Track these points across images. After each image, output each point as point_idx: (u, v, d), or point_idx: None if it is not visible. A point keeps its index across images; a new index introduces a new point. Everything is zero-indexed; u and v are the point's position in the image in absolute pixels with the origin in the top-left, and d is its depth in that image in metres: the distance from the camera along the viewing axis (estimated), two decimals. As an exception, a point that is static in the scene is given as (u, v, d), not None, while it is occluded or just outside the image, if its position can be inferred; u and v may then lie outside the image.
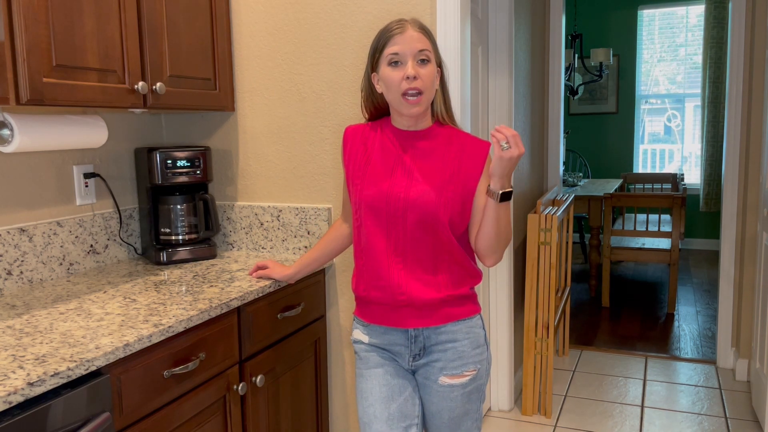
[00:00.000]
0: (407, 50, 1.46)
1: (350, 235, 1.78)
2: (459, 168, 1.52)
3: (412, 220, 1.49)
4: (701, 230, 6.88)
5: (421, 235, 1.50)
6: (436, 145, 1.54)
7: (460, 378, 1.56)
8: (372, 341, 1.61)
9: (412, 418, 1.57)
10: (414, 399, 1.59)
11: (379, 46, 1.50)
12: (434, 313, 1.53)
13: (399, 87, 1.46)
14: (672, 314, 4.62)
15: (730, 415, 3.01)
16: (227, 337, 1.72)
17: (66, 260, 2.01)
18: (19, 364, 1.24)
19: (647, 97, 6.96)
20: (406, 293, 1.51)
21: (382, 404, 1.55)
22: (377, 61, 1.51)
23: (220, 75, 2.21)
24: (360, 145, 1.59)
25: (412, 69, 1.45)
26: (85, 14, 1.67)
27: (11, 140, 1.70)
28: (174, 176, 2.12)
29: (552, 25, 3.78)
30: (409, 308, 1.53)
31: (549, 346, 2.98)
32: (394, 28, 1.48)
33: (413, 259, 1.51)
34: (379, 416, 1.55)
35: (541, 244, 2.92)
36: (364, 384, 1.60)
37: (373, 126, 1.61)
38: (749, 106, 3.34)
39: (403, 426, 1.55)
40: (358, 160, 1.58)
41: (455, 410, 1.58)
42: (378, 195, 1.51)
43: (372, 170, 1.54)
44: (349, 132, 1.63)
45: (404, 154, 1.54)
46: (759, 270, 2.96)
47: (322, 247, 1.82)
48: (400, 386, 1.57)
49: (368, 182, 1.54)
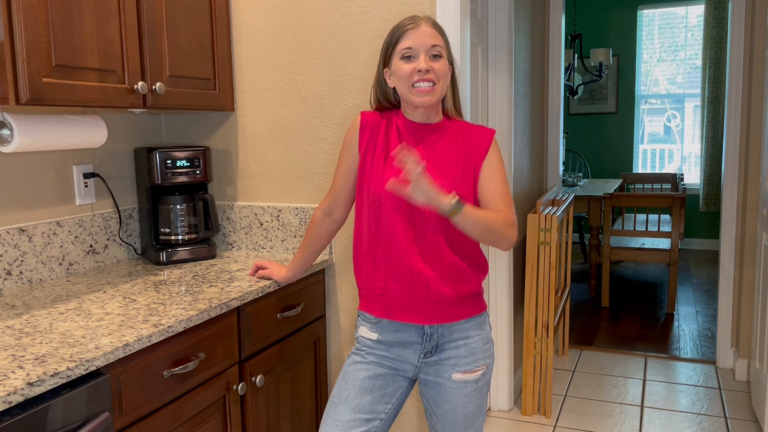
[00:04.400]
0: (420, 45, 1.47)
1: (335, 229, 1.76)
2: (468, 160, 1.53)
3: (432, 214, 1.49)
4: (701, 230, 6.88)
5: (439, 228, 1.51)
6: (447, 140, 1.55)
7: (473, 373, 1.56)
8: (381, 338, 1.59)
9: (378, 414, 1.56)
10: (391, 398, 1.58)
11: (392, 41, 1.51)
12: (450, 309, 1.54)
13: (410, 78, 1.47)
14: (672, 314, 4.62)
15: (729, 415, 3.02)
16: (227, 337, 1.72)
17: (66, 260, 2.01)
18: (19, 364, 1.24)
19: (647, 97, 6.96)
20: (426, 287, 1.51)
21: (356, 391, 1.55)
22: (390, 56, 1.52)
23: (220, 75, 2.21)
24: (381, 133, 1.57)
25: (424, 62, 1.46)
26: (85, 14, 1.67)
27: (11, 140, 1.70)
28: (174, 176, 2.12)
29: (552, 25, 3.78)
30: (427, 303, 1.53)
31: (549, 346, 2.98)
32: (407, 24, 1.49)
33: (431, 252, 1.52)
34: (348, 401, 1.54)
35: (540, 244, 2.92)
36: (351, 368, 1.59)
37: (387, 116, 1.60)
38: (749, 106, 3.34)
39: (366, 418, 1.54)
40: (379, 148, 1.56)
41: (469, 406, 1.58)
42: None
43: (392, 161, 1.54)
44: (369, 116, 1.59)
45: (418, 146, 1.55)
46: (759, 270, 2.96)
47: (308, 245, 1.80)
48: (382, 383, 1.57)
49: (390, 170, 1.53)
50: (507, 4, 2.85)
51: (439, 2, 2.01)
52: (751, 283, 3.37)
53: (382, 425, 1.57)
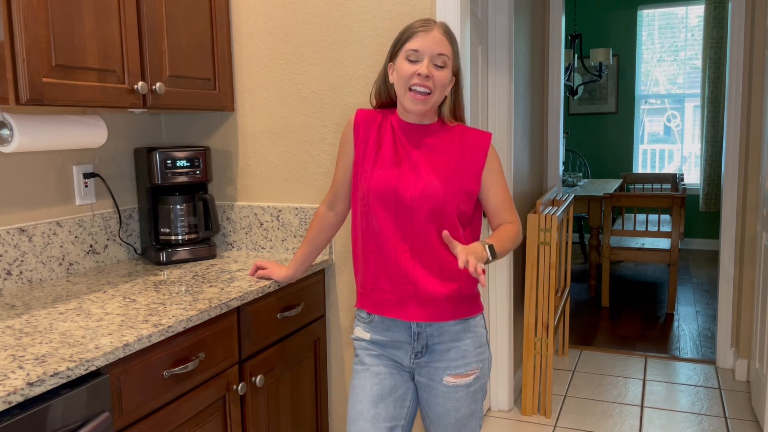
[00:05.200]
0: (426, 50, 1.48)
1: (338, 222, 1.78)
2: (462, 159, 1.54)
3: (420, 210, 1.50)
4: (701, 230, 6.88)
5: (429, 225, 1.51)
6: (440, 140, 1.56)
7: (465, 378, 1.56)
8: (374, 338, 1.60)
9: (398, 420, 1.57)
10: (404, 401, 1.59)
11: (402, 39, 1.52)
12: (438, 308, 1.53)
13: (408, 80, 1.48)
14: (672, 314, 4.62)
15: (729, 415, 3.02)
16: (227, 337, 1.72)
17: (65, 260, 2.01)
18: (19, 364, 1.24)
19: (647, 97, 6.96)
20: (413, 283, 1.52)
21: (369, 403, 1.56)
22: (396, 53, 1.53)
23: (220, 75, 2.21)
24: (374, 131, 1.59)
25: (426, 68, 1.47)
26: (85, 14, 1.67)
27: (11, 140, 1.70)
28: (174, 176, 2.12)
29: (552, 25, 3.78)
30: (414, 299, 1.53)
31: (549, 346, 2.98)
32: (419, 27, 1.50)
33: (420, 249, 1.52)
34: (365, 414, 1.55)
35: (540, 244, 2.92)
36: (357, 381, 1.60)
37: (384, 113, 1.62)
38: (749, 106, 3.34)
39: (387, 426, 1.55)
40: (370, 145, 1.58)
41: (461, 410, 1.58)
42: (388, 185, 1.52)
43: (383, 157, 1.56)
44: (362, 115, 1.62)
45: (410, 145, 1.56)
46: (759, 270, 2.96)
47: (311, 240, 1.81)
48: (391, 387, 1.57)
49: (379, 169, 1.54)
50: (507, 4, 2.85)
51: (439, 2, 2.01)
52: (751, 283, 3.37)
53: (405, 430, 1.59)
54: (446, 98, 1.57)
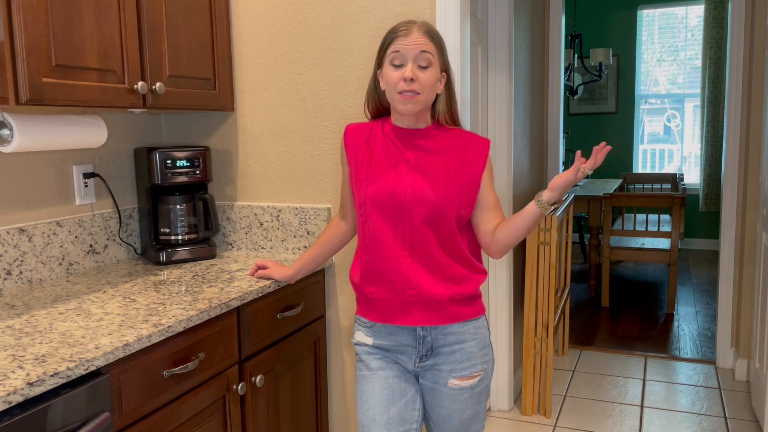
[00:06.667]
0: (408, 53, 1.48)
1: (348, 232, 1.79)
2: (463, 164, 1.54)
3: (419, 215, 1.50)
4: (701, 230, 6.89)
5: (427, 230, 1.51)
6: (437, 144, 1.56)
7: (470, 379, 1.56)
8: (377, 343, 1.60)
9: (411, 423, 1.56)
10: (414, 403, 1.58)
11: (384, 45, 1.52)
12: (442, 311, 1.53)
13: (396, 86, 1.49)
14: (671, 314, 4.62)
15: (729, 415, 3.02)
16: (227, 337, 1.72)
17: (65, 260, 2.01)
18: (19, 364, 1.24)
19: (647, 97, 6.96)
20: (416, 287, 1.52)
21: (381, 408, 1.55)
22: (382, 59, 1.53)
23: (220, 75, 2.21)
24: (362, 143, 1.60)
25: (410, 71, 1.47)
26: (85, 14, 1.67)
27: (11, 140, 1.70)
28: (173, 176, 2.12)
29: (552, 25, 3.78)
30: (418, 304, 1.53)
31: (548, 346, 2.98)
32: (400, 29, 1.50)
33: (421, 253, 1.52)
34: (377, 420, 1.55)
35: (540, 244, 2.92)
36: (365, 386, 1.59)
37: (374, 124, 1.63)
38: (749, 106, 3.34)
39: (402, 430, 1.54)
40: (361, 157, 1.59)
41: (465, 412, 1.58)
42: (383, 190, 1.52)
43: (376, 166, 1.56)
44: (350, 130, 1.64)
45: (406, 151, 1.55)
46: (759, 270, 2.96)
47: (320, 245, 1.82)
48: (401, 390, 1.57)
49: (372, 178, 1.55)
50: (507, 4, 2.85)
51: (439, 2, 2.01)
52: (751, 283, 3.37)
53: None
54: (439, 97, 1.56)
